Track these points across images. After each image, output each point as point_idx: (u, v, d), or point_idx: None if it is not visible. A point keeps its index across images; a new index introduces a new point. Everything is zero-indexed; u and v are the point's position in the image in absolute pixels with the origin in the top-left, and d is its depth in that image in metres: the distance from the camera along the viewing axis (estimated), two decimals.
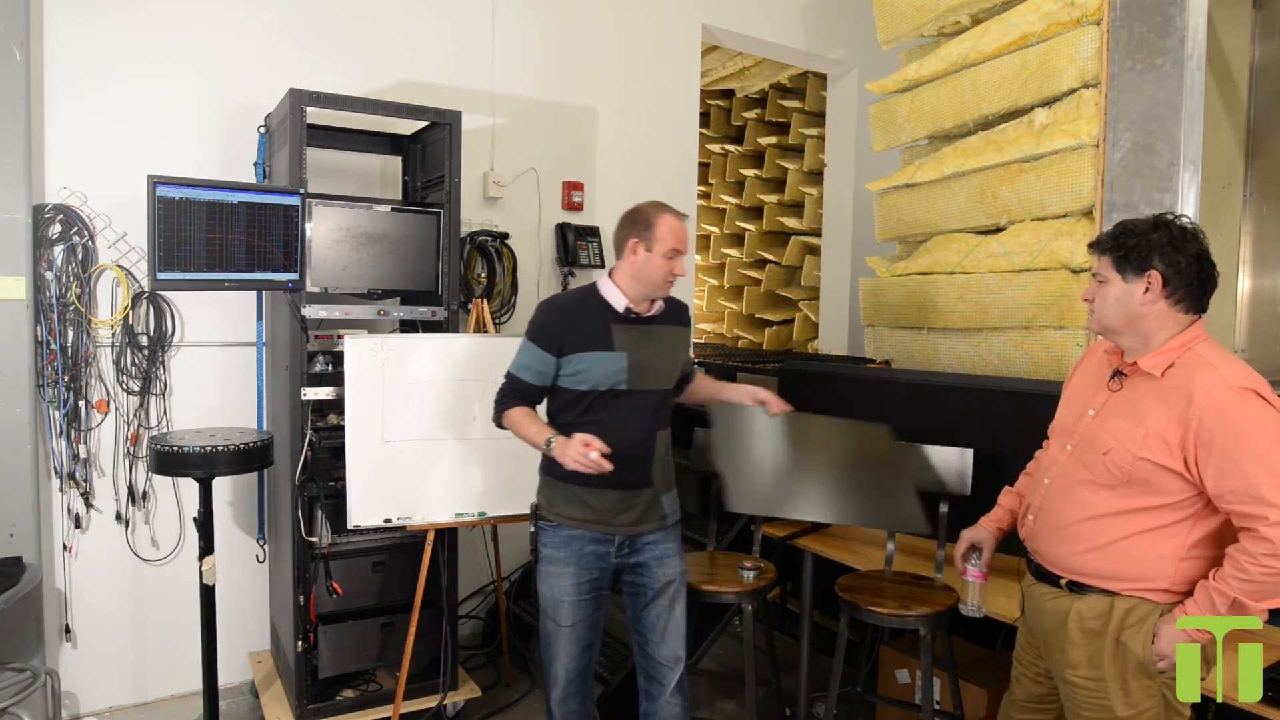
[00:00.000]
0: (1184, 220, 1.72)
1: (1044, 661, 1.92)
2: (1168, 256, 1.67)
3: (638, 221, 2.17)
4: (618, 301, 2.18)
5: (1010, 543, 2.06)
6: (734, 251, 6.76)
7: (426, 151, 3.28)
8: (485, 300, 3.40)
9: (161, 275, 2.50)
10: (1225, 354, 1.70)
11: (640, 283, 2.18)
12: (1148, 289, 1.68)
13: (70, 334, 2.90)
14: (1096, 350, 1.92)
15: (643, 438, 2.17)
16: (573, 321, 2.18)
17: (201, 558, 2.57)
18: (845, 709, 2.96)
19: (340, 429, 2.75)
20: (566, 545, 2.18)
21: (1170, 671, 1.70)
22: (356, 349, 2.71)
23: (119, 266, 2.99)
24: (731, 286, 6.80)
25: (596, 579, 2.20)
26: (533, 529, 2.25)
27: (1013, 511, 2.09)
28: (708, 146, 6.83)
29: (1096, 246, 1.79)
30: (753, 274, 6.56)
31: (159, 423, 3.09)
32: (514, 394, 2.23)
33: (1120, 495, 1.71)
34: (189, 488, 2.86)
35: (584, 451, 2.00)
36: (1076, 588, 1.79)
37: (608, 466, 2.00)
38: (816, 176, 5.86)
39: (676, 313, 2.33)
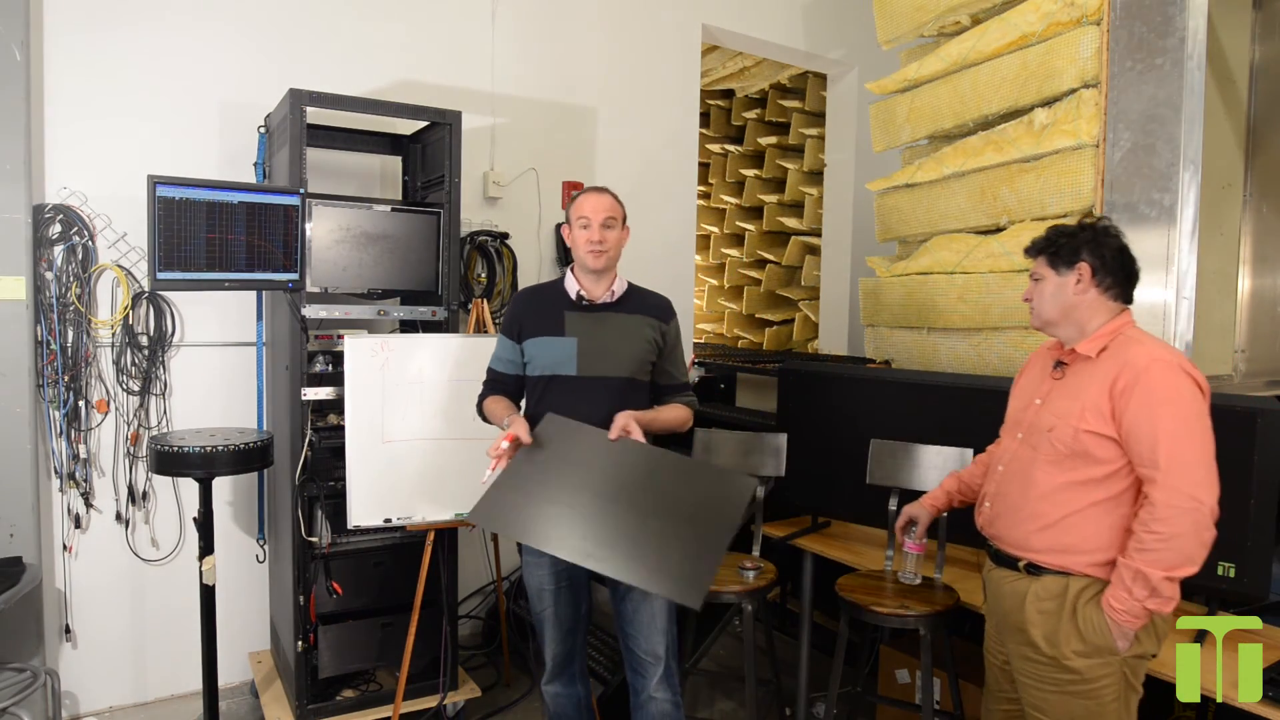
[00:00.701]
0: (1105, 222, 1.90)
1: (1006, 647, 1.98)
2: (1094, 249, 1.84)
3: (569, 206, 2.27)
4: (572, 288, 2.25)
5: (972, 535, 2.13)
6: (734, 251, 6.76)
7: (426, 151, 3.28)
8: (485, 300, 3.40)
9: (161, 275, 2.50)
10: (1154, 337, 1.86)
11: (576, 263, 2.26)
12: (1079, 279, 1.85)
13: (70, 334, 2.90)
14: (1040, 351, 2.07)
15: (599, 424, 2.14)
16: (532, 308, 2.27)
17: (201, 558, 2.57)
18: (845, 709, 2.96)
19: (340, 429, 2.75)
20: None
21: (1130, 651, 1.76)
22: (356, 349, 2.71)
23: (119, 266, 2.99)
24: (731, 286, 6.80)
25: (572, 568, 2.21)
26: None
27: (950, 493, 2.25)
28: (708, 146, 6.83)
29: (1031, 250, 1.95)
30: (753, 274, 6.56)
31: (159, 423, 3.10)
32: (488, 385, 2.34)
33: (1066, 469, 1.82)
34: (189, 488, 2.86)
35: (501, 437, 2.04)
36: (1034, 569, 1.87)
37: (494, 459, 2.03)
38: (816, 176, 5.86)
39: (647, 304, 2.31)
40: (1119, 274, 1.84)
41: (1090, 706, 1.78)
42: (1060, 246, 1.87)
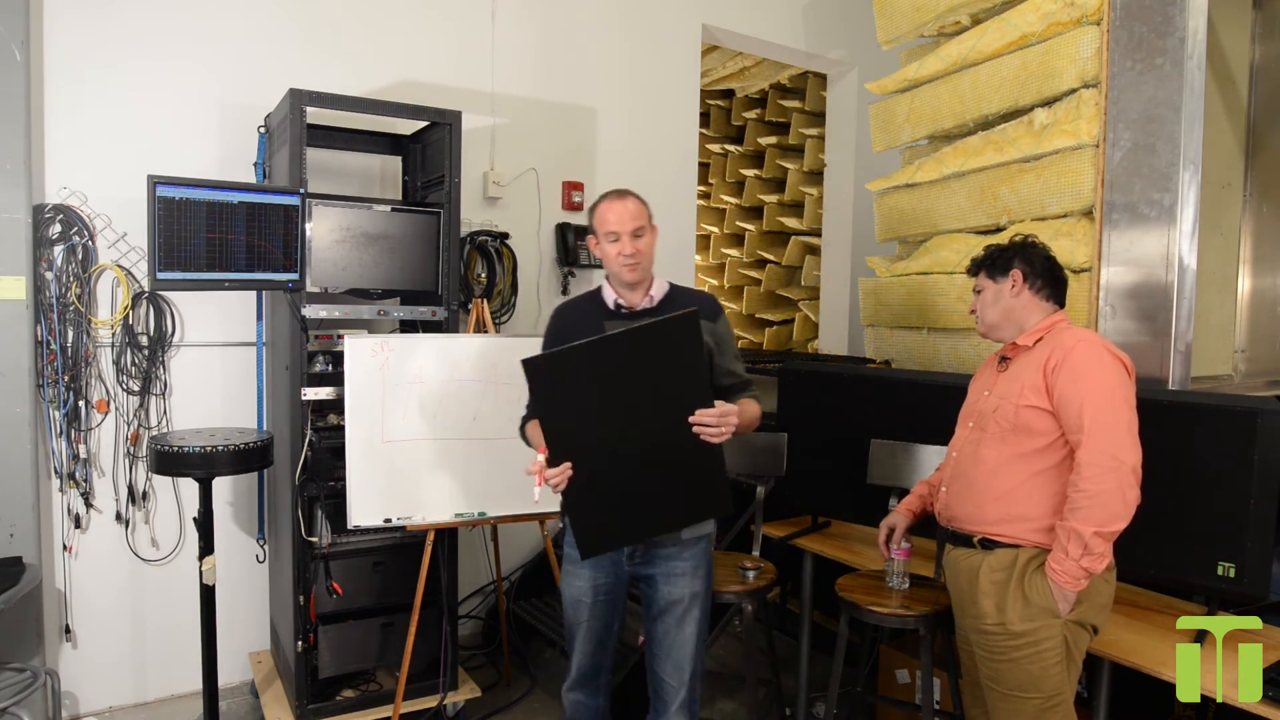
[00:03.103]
0: (1031, 238, 2.15)
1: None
2: (1023, 257, 2.09)
3: (589, 216, 2.19)
4: (609, 297, 2.18)
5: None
6: (734, 251, 6.76)
7: (426, 151, 3.28)
8: (485, 300, 3.40)
9: (161, 275, 2.50)
10: (1082, 328, 2.10)
11: (610, 274, 2.18)
12: (1014, 285, 2.08)
13: (70, 334, 2.90)
14: (990, 357, 2.26)
15: None
16: (571, 322, 2.19)
17: (201, 558, 2.57)
18: (845, 709, 2.96)
19: (340, 429, 2.75)
20: None
21: (1071, 615, 1.90)
22: (356, 349, 2.71)
23: (119, 266, 2.99)
24: (731, 286, 6.80)
25: (612, 584, 2.17)
26: (562, 524, 2.28)
27: (922, 497, 2.39)
28: (708, 146, 6.83)
29: (972, 269, 2.19)
30: (753, 274, 6.56)
31: (159, 423, 3.09)
32: (529, 406, 2.19)
33: (1010, 444, 2.01)
34: (189, 488, 2.86)
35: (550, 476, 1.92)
36: (987, 544, 2.03)
37: (538, 475, 1.93)
38: (816, 176, 5.86)
39: (689, 305, 2.15)
40: (1048, 277, 2.08)
41: (1034, 671, 1.92)
42: (995, 259, 2.13)
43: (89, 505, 3.00)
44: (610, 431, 1.95)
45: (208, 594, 2.59)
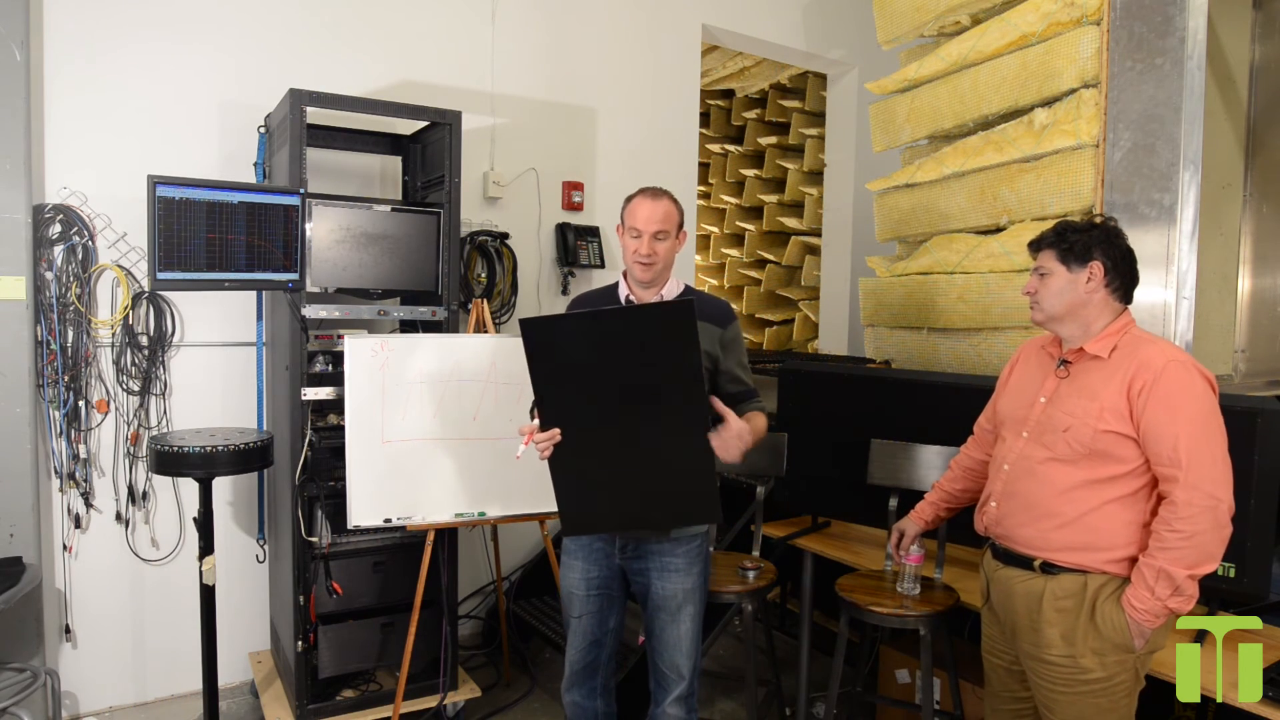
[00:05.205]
0: (1112, 222, 1.91)
1: (1014, 647, 1.96)
2: (1106, 249, 1.84)
3: (623, 205, 2.18)
4: (622, 293, 2.18)
5: (971, 535, 2.15)
6: (734, 251, 6.76)
7: (426, 151, 3.28)
8: (485, 300, 3.40)
9: (161, 275, 2.50)
10: (1159, 337, 1.92)
11: (627, 268, 2.18)
12: (1090, 278, 1.84)
13: (70, 334, 2.90)
14: (1031, 348, 2.06)
15: None
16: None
17: (201, 558, 2.57)
18: (845, 709, 2.96)
19: (340, 429, 2.75)
20: (578, 539, 2.20)
21: (1144, 648, 1.77)
22: (356, 349, 2.71)
23: (119, 266, 2.99)
24: (731, 286, 6.80)
25: (606, 576, 2.18)
26: None
27: (935, 504, 2.31)
28: (708, 146, 6.83)
29: (1039, 243, 1.94)
30: (753, 274, 6.56)
31: (159, 423, 3.10)
32: None
33: (1083, 468, 1.81)
34: (189, 488, 2.86)
35: (539, 439, 1.95)
36: (1049, 569, 1.85)
37: (526, 434, 1.96)
38: (816, 176, 5.86)
39: (700, 309, 2.12)
40: (1126, 275, 1.86)
41: (1102, 704, 1.80)
42: (1073, 243, 1.86)
43: (89, 505, 3.00)
44: (600, 411, 1.93)
45: (208, 594, 2.59)
